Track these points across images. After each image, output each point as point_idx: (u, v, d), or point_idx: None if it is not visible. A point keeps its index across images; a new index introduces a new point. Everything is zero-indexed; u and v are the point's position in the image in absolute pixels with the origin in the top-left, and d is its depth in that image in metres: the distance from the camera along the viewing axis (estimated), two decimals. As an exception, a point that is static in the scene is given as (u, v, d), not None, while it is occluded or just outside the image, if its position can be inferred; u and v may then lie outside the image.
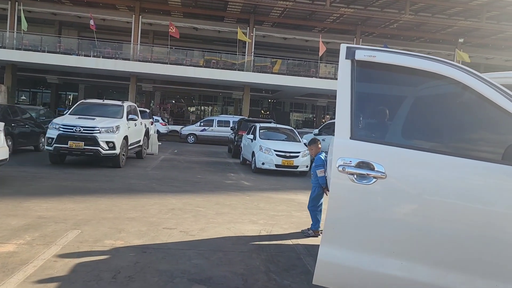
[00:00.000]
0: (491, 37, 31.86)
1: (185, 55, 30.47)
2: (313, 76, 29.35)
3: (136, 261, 4.20)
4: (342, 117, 2.58)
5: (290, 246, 5.14)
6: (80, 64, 26.49)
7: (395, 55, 2.63)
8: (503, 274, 2.32)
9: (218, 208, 6.97)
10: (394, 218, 2.50)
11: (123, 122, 11.59)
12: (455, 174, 2.45)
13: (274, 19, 31.07)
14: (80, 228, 5.19)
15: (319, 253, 2.57)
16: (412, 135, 2.82)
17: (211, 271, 4.08)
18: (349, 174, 2.50)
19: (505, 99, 2.39)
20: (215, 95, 42.79)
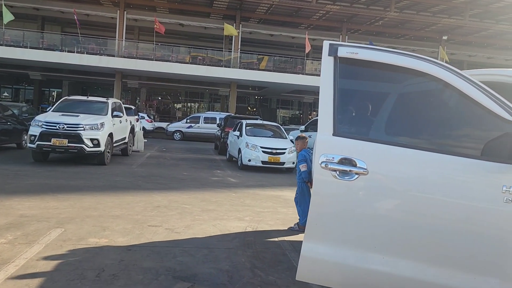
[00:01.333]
0: (474, 34, 32.32)
1: (171, 51, 30.23)
2: (300, 73, 29.42)
3: (121, 259, 4.17)
4: (325, 113, 2.59)
5: (276, 242, 5.16)
6: (64, 60, 26.06)
7: (377, 52, 2.65)
8: (481, 267, 2.37)
9: (204, 205, 6.96)
10: (375, 213, 2.53)
11: (108, 119, 11.46)
12: (435, 170, 2.48)
13: (261, 16, 31.02)
14: (63, 227, 5.13)
15: (302, 249, 2.58)
16: (394, 131, 2.85)
17: (196, 268, 4.07)
18: (331, 171, 2.52)
19: (484, 96, 2.44)
20: (201, 92, 42.57)
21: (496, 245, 2.33)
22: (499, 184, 2.32)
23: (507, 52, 34.94)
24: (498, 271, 2.32)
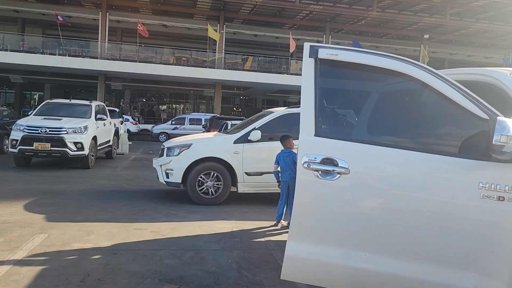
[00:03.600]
0: (454, 33, 32.88)
1: (155, 52, 30.01)
2: (284, 73, 29.54)
3: (106, 263, 4.14)
4: (306, 114, 2.63)
5: (262, 243, 5.19)
6: (45, 63, 25.66)
7: (357, 54, 2.70)
8: (460, 262, 2.43)
9: (190, 207, 6.94)
10: (357, 212, 2.58)
11: (92, 122, 11.35)
12: (415, 168, 2.54)
13: (244, 16, 31.03)
14: (47, 232, 5.07)
15: (286, 249, 2.62)
16: (375, 131, 2.90)
17: (182, 270, 4.07)
18: (314, 171, 2.56)
19: (460, 95, 2.50)
20: (186, 93, 42.38)
21: (474, 241, 2.40)
22: (475, 180, 2.39)
23: (486, 50, 35.63)
24: (476, 266, 2.39)
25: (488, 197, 2.35)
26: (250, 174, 7.23)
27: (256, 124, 7.46)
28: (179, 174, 7.11)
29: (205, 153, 7.18)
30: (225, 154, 7.19)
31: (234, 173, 7.20)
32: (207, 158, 7.18)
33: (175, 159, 7.20)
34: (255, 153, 7.28)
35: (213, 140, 7.77)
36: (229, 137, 7.46)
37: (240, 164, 7.19)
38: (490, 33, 32.26)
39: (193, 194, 7.12)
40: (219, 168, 7.19)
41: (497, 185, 2.34)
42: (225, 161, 7.18)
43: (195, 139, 7.79)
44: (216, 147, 7.33)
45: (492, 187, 2.34)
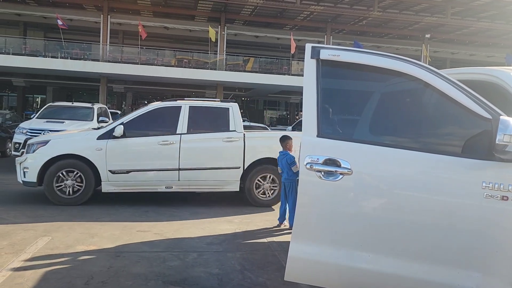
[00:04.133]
0: (456, 32, 32.82)
1: (156, 54, 30.07)
2: (286, 74, 29.53)
3: (110, 265, 4.15)
4: (309, 115, 2.63)
5: (265, 244, 5.19)
6: (47, 66, 25.73)
7: (358, 54, 2.70)
8: (464, 262, 2.42)
9: (192, 209, 6.95)
10: (360, 212, 2.58)
11: (94, 124, 11.34)
12: (418, 168, 2.54)
13: (245, 17, 31.06)
14: (50, 235, 5.08)
15: (289, 250, 2.62)
16: (377, 131, 2.90)
17: (186, 272, 4.08)
18: (316, 171, 2.56)
19: (462, 95, 2.50)
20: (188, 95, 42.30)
21: (477, 241, 2.40)
22: (479, 180, 2.39)
23: (488, 49, 35.54)
24: (480, 266, 2.39)
25: (492, 196, 2.35)
26: (115, 172, 6.81)
27: (124, 119, 7.17)
28: (34, 173, 6.69)
29: (63, 150, 6.78)
30: (85, 151, 6.77)
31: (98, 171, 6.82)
32: (67, 155, 6.77)
33: (30, 157, 6.82)
34: (121, 150, 6.87)
35: (75, 136, 7.24)
36: (93, 132, 7.06)
37: (104, 162, 6.77)
38: (491, 32, 32.19)
39: (50, 195, 6.71)
40: (80, 166, 6.77)
41: (500, 184, 2.33)
42: (87, 159, 6.77)
43: (57, 135, 7.39)
44: (76, 144, 6.90)
45: (496, 186, 2.34)
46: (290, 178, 5.86)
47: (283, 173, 5.97)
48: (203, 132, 7.23)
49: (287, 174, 5.87)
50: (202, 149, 7.12)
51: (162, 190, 7.00)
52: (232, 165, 7.16)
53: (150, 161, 6.93)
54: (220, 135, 7.20)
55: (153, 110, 7.26)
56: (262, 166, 7.28)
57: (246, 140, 7.25)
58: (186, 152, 6.99)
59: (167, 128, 7.14)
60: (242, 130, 7.37)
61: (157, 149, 6.95)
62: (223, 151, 7.19)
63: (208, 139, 7.18)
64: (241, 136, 7.25)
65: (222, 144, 7.17)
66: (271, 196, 7.35)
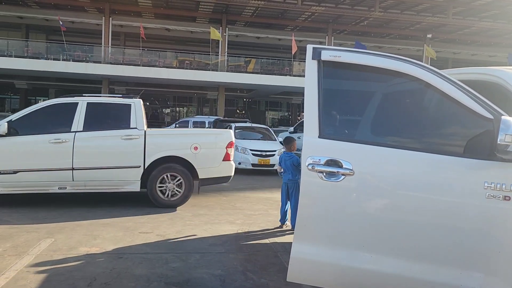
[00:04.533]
0: (457, 32, 32.76)
1: (158, 56, 30.14)
2: (287, 74, 29.53)
3: (112, 267, 4.16)
4: (310, 116, 2.64)
5: (268, 245, 5.19)
6: (49, 68, 25.81)
7: (359, 55, 2.71)
8: (466, 263, 2.42)
9: (195, 210, 6.96)
10: (362, 213, 2.58)
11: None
12: (420, 168, 2.54)
13: (247, 19, 31.09)
14: (53, 237, 5.09)
15: (292, 251, 2.62)
16: (378, 132, 2.91)
17: (188, 273, 4.08)
18: (318, 172, 2.56)
19: (464, 95, 2.50)
20: (189, 96, 42.49)
21: (480, 241, 2.39)
22: (481, 180, 2.38)
23: (490, 48, 35.47)
24: (482, 266, 2.38)
25: (494, 197, 2.34)
26: (1, 172, 6.45)
27: (13, 116, 6.80)
28: None
29: None
30: None
31: None
32: None
33: None
34: (6, 149, 6.52)
35: None
36: None
37: None
38: (493, 31, 32.11)
39: None
40: None
41: (502, 184, 2.33)
42: None
43: None
44: None
45: (498, 186, 2.34)
46: (293, 179, 5.86)
47: (285, 174, 5.96)
48: (101, 129, 6.88)
49: (292, 175, 5.87)
50: (99, 147, 6.82)
51: (55, 191, 6.68)
52: (131, 164, 6.85)
53: (40, 161, 6.57)
54: (118, 133, 6.86)
55: (47, 107, 6.89)
56: (166, 165, 7.02)
57: (147, 138, 6.93)
58: (80, 151, 6.65)
59: (62, 125, 6.81)
60: (144, 127, 7.01)
61: (48, 148, 6.58)
62: (122, 149, 6.86)
63: (105, 137, 6.85)
64: (141, 134, 6.91)
65: (121, 142, 6.84)
66: (176, 196, 7.07)
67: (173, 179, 7.05)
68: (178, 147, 7.08)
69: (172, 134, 7.65)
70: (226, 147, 7.28)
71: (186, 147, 7.07)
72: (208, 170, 7.23)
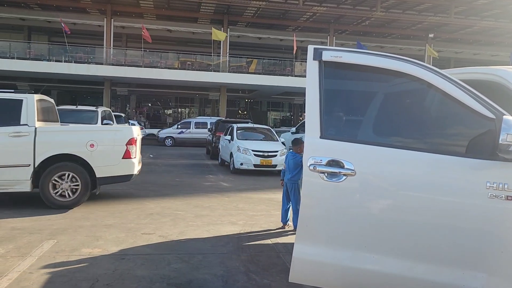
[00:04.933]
0: (459, 31, 32.72)
1: (160, 57, 30.21)
2: (289, 75, 29.57)
3: (115, 268, 4.16)
4: (311, 117, 2.63)
5: (270, 246, 5.19)
6: (52, 70, 25.94)
7: (360, 55, 2.70)
8: (469, 263, 2.41)
9: (197, 211, 6.96)
10: (364, 213, 2.57)
11: (98, 127, 11.41)
12: (422, 168, 2.53)
13: (248, 19, 31.13)
14: (56, 238, 5.10)
15: (294, 251, 2.62)
16: (380, 132, 2.90)
17: (191, 274, 4.08)
18: (320, 173, 2.56)
19: (466, 95, 2.49)
20: (191, 97, 42.56)
21: (482, 241, 2.38)
22: (483, 180, 2.37)
23: (493, 48, 35.40)
24: (485, 266, 2.37)
25: (496, 196, 2.34)
26: None
27: None
28: None
29: None
30: None
31: None
32: None
33: None
34: None
35: None
36: None
37: None
38: (495, 31, 32.06)
39: None
40: None
41: (505, 184, 2.32)
42: None
43: None
44: None
45: (500, 186, 2.33)
46: (292, 179, 5.87)
47: (286, 174, 5.98)
48: None
49: (291, 174, 5.88)
50: None
51: None
52: (20, 163, 6.48)
53: None
54: (6, 130, 6.48)
55: None
56: (60, 163, 6.68)
57: (38, 135, 6.56)
58: None
59: None
60: (35, 124, 6.63)
61: None
62: (10, 147, 6.51)
63: None
64: (31, 130, 6.54)
65: (8, 140, 6.46)
66: (71, 196, 6.71)
67: (69, 178, 6.71)
68: (73, 145, 6.70)
69: (67, 130, 7.22)
70: (127, 144, 6.90)
71: (82, 145, 6.70)
72: (106, 169, 6.87)
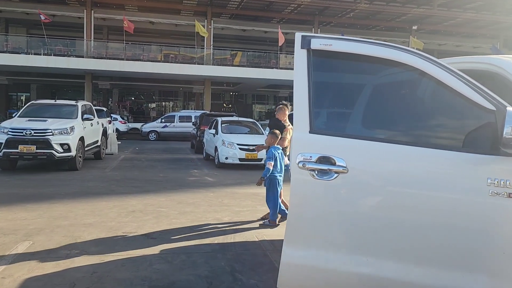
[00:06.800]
0: (442, 23, 32.91)
1: (142, 50, 29.66)
2: (274, 67, 29.34)
3: (93, 271, 3.96)
4: (300, 110, 2.44)
5: (256, 243, 5.03)
6: (30, 63, 25.23)
7: (352, 43, 2.51)
8: (469, 264, 2.27)
9: (181, 207, 6.76)
10: (357, 214, 2.40)
11: (78, 122, 11.09)
12: (417, 164, 2.37)
13: (232, 11, 30.74)
14: (31, 239, 4.86)
15: (282, 255, 2.43)
16: (374, 126, 2.72)
17: (174, 275, 3.90)
18: (309, 170, 2.38)
19: (463, 85, 2.33)
20: (175, 90, 42.00)
21: (483, 241, 2.24)
22: (483, 176, 2.22)
23: (475, 39, 35.75)
24: (486, 268, 2.23)
25: (498, 194, 2.18)
26: None
27: None
28: None
29: None
30: None
31: None
32: None
33: None
34: None
35: None
36: None
37: None
38: (478, 22, 32.34)
39: None
40: None
41: (507, 181, 2.17)
42: None
43: None
44: None
45: (502, 183, 2.17)
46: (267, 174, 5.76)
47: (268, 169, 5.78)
48: None
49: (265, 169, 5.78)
50: None
51: None
52: None
53: None
54: None
55: None
56: None
57: None
58: None
59: None
60: None
61: None
62: None
63: None
64: None
65: None
66: None
67: None
68: None
69: None
70: None
71: None
72: None
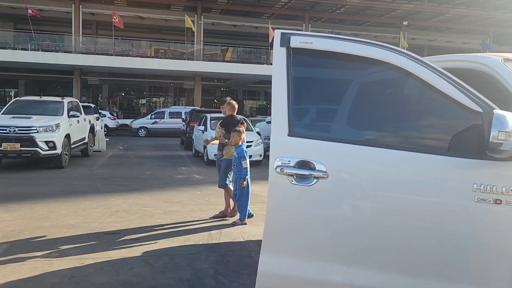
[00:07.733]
0: (432, 19, 32.96)
1: (132, 45, 29.34)
2: (264, 63, 29.18)
3: (72, 275, 3.83)
4: (278, 112, 2.33)
5: (241, 244, 4.93)
6: (18, 59, 24.83)
7: (333, 41, 2.40)
8: (455, 274, 2.18)
9: (167, 207, 6.64)
10: (337, 221, 2.30)
11: (64, 119, 10.89)
12: (401, 169, 2.27)
13: (222, 6, 30.48)
14: (9, 242, 4.70)
15: (259, 263, 2.33)
16: (355, 128, 2.61)
17: (154, 279, 3.79)
18: (288, 176, 2.26)
19: (448, 85, 2.23)
20: (165, 86, 41.66)
21: (468, 249, 2.15)
22: (469, 181, 2.12)
23: (465, 35, 35.87)
24: (471, 277, 2.14)
25: (484, 200, 2.09)
26: None
27: None
28: None
29: None
30: None
31: None
32: None
33: None
34: None
35: None
36: None
37: None
38: (467, 18, 32.43)
39: None
40: None
41: (493, 186, 2.07)
42: None
43: None
44: None
45: (488, 189, 2.08)
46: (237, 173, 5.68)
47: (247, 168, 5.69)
48: None
49: (236, 168, 5.70)
50: None
51: None
52: None
53: None
54: None
55: None
56: None
57: None
58: None
59: None
60: None
61: None
62: None
63: None
64: None
65: None
66: None
67: None
68: None
69: None
70: None
71: None
72: None
